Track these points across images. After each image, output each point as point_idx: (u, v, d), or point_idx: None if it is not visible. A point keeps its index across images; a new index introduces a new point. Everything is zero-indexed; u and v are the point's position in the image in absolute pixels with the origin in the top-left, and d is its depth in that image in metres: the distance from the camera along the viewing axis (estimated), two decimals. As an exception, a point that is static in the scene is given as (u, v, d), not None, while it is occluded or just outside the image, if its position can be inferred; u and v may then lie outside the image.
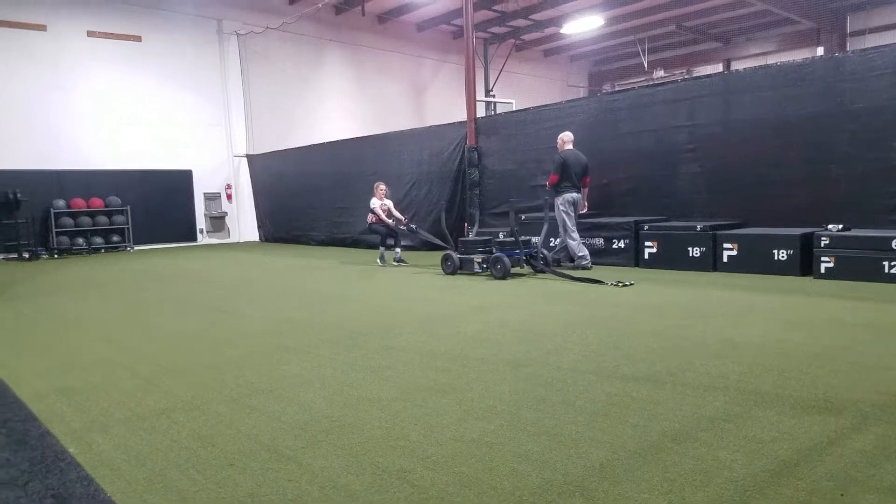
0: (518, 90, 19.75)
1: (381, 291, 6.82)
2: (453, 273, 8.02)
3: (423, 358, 3.77)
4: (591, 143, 9.09)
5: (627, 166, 8.71)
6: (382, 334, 4.49)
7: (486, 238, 8.26)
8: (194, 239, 16.10)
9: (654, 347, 3.84)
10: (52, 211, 13.48)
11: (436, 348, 3.99)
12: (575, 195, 8.08)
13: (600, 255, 8.25)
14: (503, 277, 7.38)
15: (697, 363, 3.47)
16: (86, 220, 13.95)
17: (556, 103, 9.87)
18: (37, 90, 13.62)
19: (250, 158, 16.91)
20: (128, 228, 14.58)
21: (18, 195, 13.13)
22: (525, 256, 7.66)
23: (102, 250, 14.15)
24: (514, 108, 14.42)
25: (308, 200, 14.62)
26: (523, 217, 9.16)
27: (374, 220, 9.76)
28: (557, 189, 8.20)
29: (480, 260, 7.89)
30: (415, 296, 6.37)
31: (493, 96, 16.51)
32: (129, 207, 14.54)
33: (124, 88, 14.74)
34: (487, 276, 7.67)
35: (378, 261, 9.62)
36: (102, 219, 14.22)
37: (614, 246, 8.10)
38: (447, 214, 9.17)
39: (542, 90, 21.30)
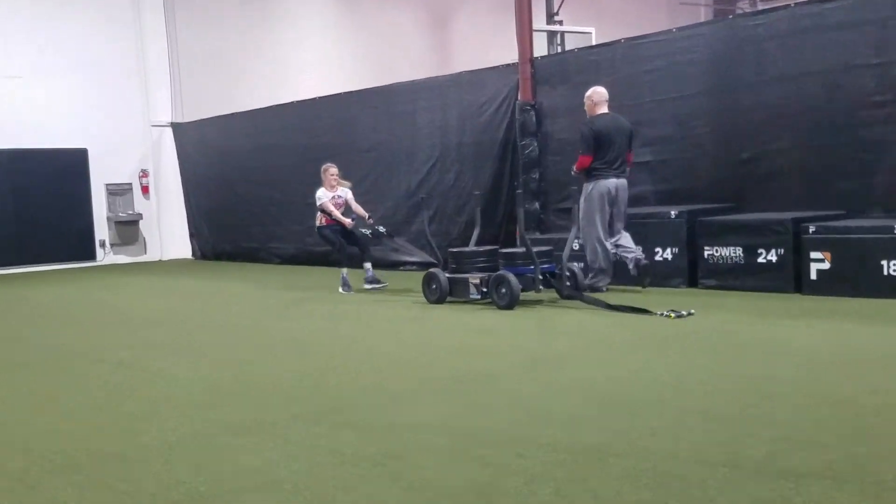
0: (600, 13, 19.76)
1: (374, 333, 6.85)
2: (440, 301, 8.24)
3: (454, 441, 3.75)
4: (719, 93, 9.06)
5: (778, 130, 8.68)
6: (386, 403, 4.50)
7: (489, 249, 8.46)
8: (92, 257, 16.45)
9: (829, 423, 3.76)
10: None
11: (471, 426, 3.97)
12: (616, 182, 8.32)
13: (732, 276, 8.21)
14: (509, 306, 7.59)
15: (904, 449, 3.38)
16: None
17: (661, 32, 9.89)
18: None
19: (178, 129, 17.24)
20: (-15, 240, 14.95)
21: None
22: (542, 275, 7.81)
23: (-57, 274, 14.53)
24: (593, 42, 14.40)
25: (268, 193, 14.84)
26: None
27: (323, 220, 9.83)
28: (591, 173, 8.35)
29: (479, 281, 7.98)
30: (422, 337, 6.38)
31: (560, 23, 16.54)
32: (-13, 208, 14.91)
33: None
34: (488, 302, 7.95)
35: (340, 288, 9.72)
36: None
37: (759, 260, 8.02)
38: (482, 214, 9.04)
39: (638, 12, 21.28)
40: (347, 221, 9.66)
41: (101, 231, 16.55)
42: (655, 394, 4.43)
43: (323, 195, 9.78)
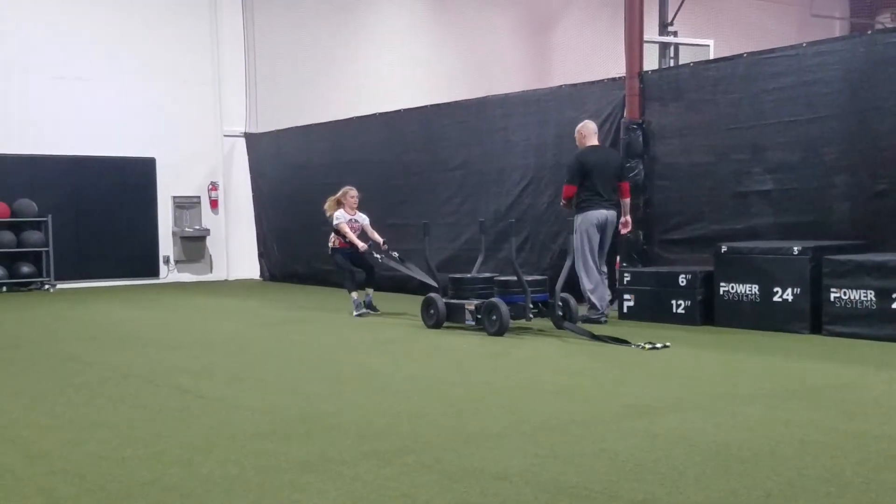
0: (719, 24, 19.52)
1: (447, 368, 6.92)
2: (437, 325, 9.33)
3: (538, 493, 3.73)
4: (853, 117, 8.88)
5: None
6: (463, 446, 4.50)
7: (487, 277, 9.46)
8: (155, 274, 16.95)
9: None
10: (-75, 221, 14.65)
11: (558, 477, 3.94)
12: (604, 213, 9.38)
13: (862, 322, 8.00)
14: (499, 333, 8.57)
15: None
16: (-22, 237, 14.99)
17: (789, 47, 9.75)
18: None
19: (251, 140, 17.69)
20: (47, 253, 15.56)
21: None
22: (535, 304, 8.74)
23: (4, 289, 15.21)
24: (711, 55, 14.23)
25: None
26: (724, 248, 9.01)
27: (338, 242, 10.70)
28: (578, 205, 9.44)
29: (474, 308, 8.99)
30: (499, 376, 6.41)
31: (674, 35, 16.42)
32: (49, 218, 15.52)
33: (44, 23, 15.82)
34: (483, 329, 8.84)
35: (353, 312, 10.72)
36: (6, 236, 15.26)
37: (894, 306, 7.75)
38: None
39: (763, 24, 20.93)
40: (362, 245, 10.58)
41: (166, 247, 17.06)
42: (770, 451, 4.32)
43: (341, 216, 10.67)
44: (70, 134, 15.91)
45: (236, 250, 17.70)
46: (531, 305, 8.70)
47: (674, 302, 9.34)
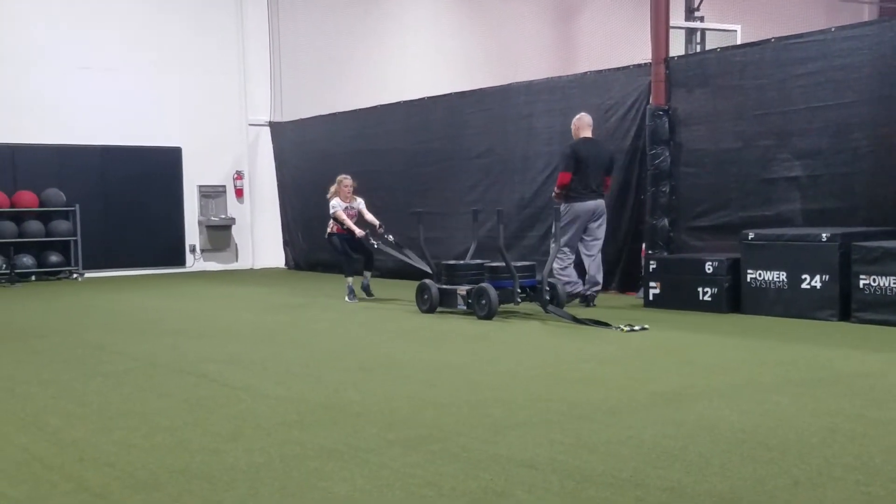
0: (746, 9, 19.29)
1: (472, 356, 6.92)
2: (431, 310, 9.70)
3: (565, 480, 3.74)
4: (883, 102, 8.83)
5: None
6: (489, 433, 4.52)
7: (478, 263, 9.81)
8: (181, 262, 17.08)
9: None
10: (-47, 211, 14.82)
11: (584, 464, 3.95)
12: (592, 204, 9.79)
13: (892, 309, 7.90)
14: (488, 317, 8.97)
15: None
16: (8, 226, 15.16)
17: (818, 31, 9.65)
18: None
19: (276, 129, 17.75)
20: (75, 242, 15.73)
21: None
22: (523, 289, 9.13)
23: (33, 278, 15.36)
24: (738, 41, 14.12)
25: (369, 200, 14.97)
26: (750, 235, 8.96)
27: (335, 228, 11.19)
28: (567, 194, 9.84)
29: (465, 293, 9.38)
30: (522, 362, 6.43)
31: (701, 20, 16.29)
32: (77, 208, 15.68)
33: (72, 17, 15.97)
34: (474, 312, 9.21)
35: (346, 297, 11.18)
36: (35, 226, 15.42)
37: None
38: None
39: (791, 9, 20.68)
40: (358, 231, 11.03)
41: (192, 236, 17.19)
42: (798, 439, 4.31)
43: (337, 205, 11.14)
44: (97, 124, 16.04)
45: (261, 239, 17.81)
46: (519, 290, 9.07)
47: (700, 289, 9.29)
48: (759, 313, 8.78)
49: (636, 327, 8.06)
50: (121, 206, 16.35)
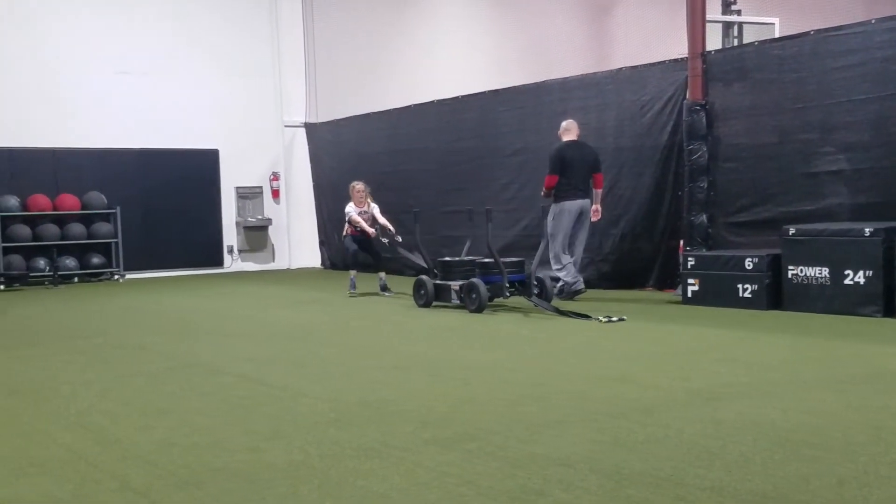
0: (783, 3, 19.07)
1: (507, 354, 6.93)
2: (427, 304, 10.31)
3: (603, 479, 3.73)
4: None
5: None
6: (525, 432, 4.52)
7: (470, 260, 10.41)
8: (219, 263, 17.24)
9: None
10: (-2, 214, 15.01)
11: (622, 463, 3.94)
12: (580, 203, 10.35)
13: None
14: (479, 310, 9.55)
15: None
16: (51, 229, 15.40)
17: (858, 24, 9.55)
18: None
19: (311, 130, 17.86)
20: (116, 244, 15.94)
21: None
22: (511, 284, 9.70)
23: (76, 279, 15.58)
24: (776, 34, 13.96)
25: (403, 199, 15.10)
26: (792, 231, 8.88)
27: (349, 230, 12.16)
28: (556, 194, 10.43)
29: (458, 288, 9.98)
30: (559, 361, 6.43)
31: (738, 13, 16.13)
32: (118, 210, 15.88)
33: (110, 22, 16.18)
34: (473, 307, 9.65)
35: (350, 289, 12.05)
36: (77, 228, 15.63)
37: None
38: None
39: (830, 1, 20.42)
40: (371, 231, 11.85)
41: (230, 237, 17.36)
42: (842, 437, 4.27)
43: (352, 209, 11.97)
44: (136, 127, 16.24)
45: (298, 239, 17.93)
46: (507, 285, 9.67)
47: (740, 286, 9.22)
48: (801, 310, 8.69)
49: (614, 318, 8.46)
50: (160, 208, 16.54)
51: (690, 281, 9.70)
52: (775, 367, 6.17)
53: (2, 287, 14.50)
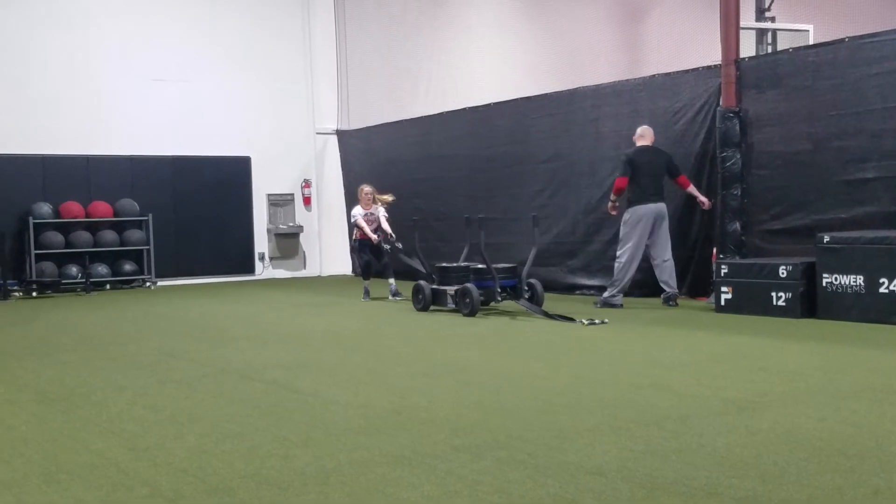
0: (819, 9, 18.94)
1: (535, 362, 6.89)
2: (425, 308, 10.69)
3: (635, 488, 3.71)
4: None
5: None
6: (557, 440, 4.51)
7: (466, 265, 10.73)
8: (251, 270, 17.33)
9: None
10: (31, 221, 15.09)
11: (655, 472, 3.91)
12: (654, 207, 10.28)
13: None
14: (472, 314, 9.96)
15: None
16: (83, 236, 15.53)
17: (893, 30, 9.51)
18: (9, 31, 15.38)
19: (343, 137, 17.93)
20: (148, 251, 16.06)
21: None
22: (503, 289, 10.11)
23: (108, 286, 15.70)
24: (811, 41, 13.87)
25: (434, 207, 15.18)
26: (826, 238, 8.80)
27: (358, 235, 12.48)
28: (629, 199, 10.41)
29: (454, 292, 10.38)
30: (591, 369, 6.41)
31: (772, 20, 16.04)
32: (150, 217, 16.02)
33: (144, 29, 16.33)
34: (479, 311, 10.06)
35: (363, 297, 12.46)
36: (109, 235, 15.76)
37: None
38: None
39: (865, 7, 20.21)
40: (374, 237, 12.13)
41: (261, 244, 17.45)
42: (877, 446, 4.21)
43: (357, 213, 12.32)
44: (168, 135, 16.38)
45: (329, 246, 17.99)
46: (499, 289, 10.10)
47: (774, 294, 9.13)
48: (835, 318, 8.59)
49: (596, 321, 8.81)
50: (192, 216, 16.66)
51: (724, 289, 9.63)
52: (810, 376, 6.11)
53: (34, 294, 14.66)
